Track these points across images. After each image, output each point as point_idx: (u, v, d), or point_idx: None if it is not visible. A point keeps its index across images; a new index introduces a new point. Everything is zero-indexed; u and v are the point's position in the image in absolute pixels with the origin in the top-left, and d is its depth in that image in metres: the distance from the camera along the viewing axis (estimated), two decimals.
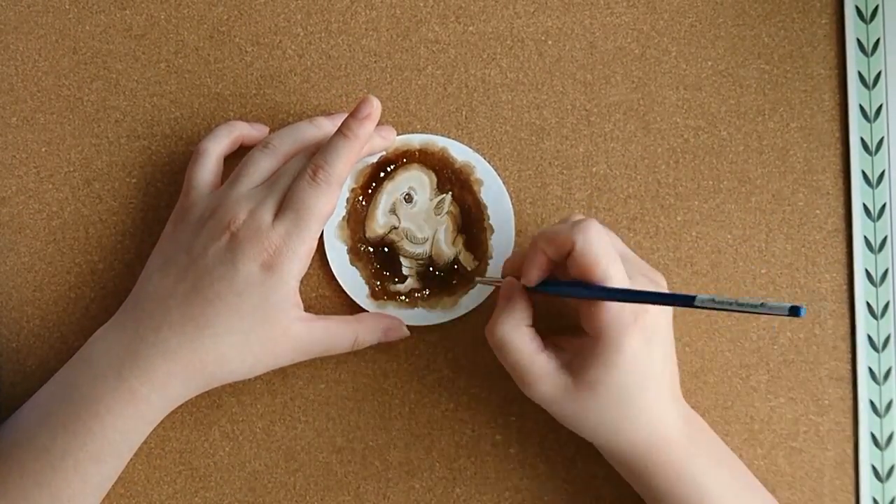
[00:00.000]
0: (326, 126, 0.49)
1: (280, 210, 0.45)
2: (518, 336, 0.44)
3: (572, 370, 0.43)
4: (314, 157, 0.46)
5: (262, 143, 0.48)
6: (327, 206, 0.45)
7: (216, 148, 0.49)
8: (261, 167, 0.47)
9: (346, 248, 0.50)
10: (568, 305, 0.47)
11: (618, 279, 0.41)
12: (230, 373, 0.45)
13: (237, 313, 0.44)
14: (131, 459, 0.47)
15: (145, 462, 0.51)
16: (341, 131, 0.46)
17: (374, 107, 0.46)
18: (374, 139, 0.49)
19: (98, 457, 0.44)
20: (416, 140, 0.51)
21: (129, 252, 0.51)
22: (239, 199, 0.46)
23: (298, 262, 0.45)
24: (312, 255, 0.46)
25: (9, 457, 0.44)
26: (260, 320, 0.44)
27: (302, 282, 0.51)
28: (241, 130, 0.50)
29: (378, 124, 0.49)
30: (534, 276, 0.44)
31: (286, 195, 0.45)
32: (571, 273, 0.43)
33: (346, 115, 0.47)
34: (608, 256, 0.41)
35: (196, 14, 0.52)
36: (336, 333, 0.47)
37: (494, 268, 0.50)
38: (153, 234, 0.51)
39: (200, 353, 0.44)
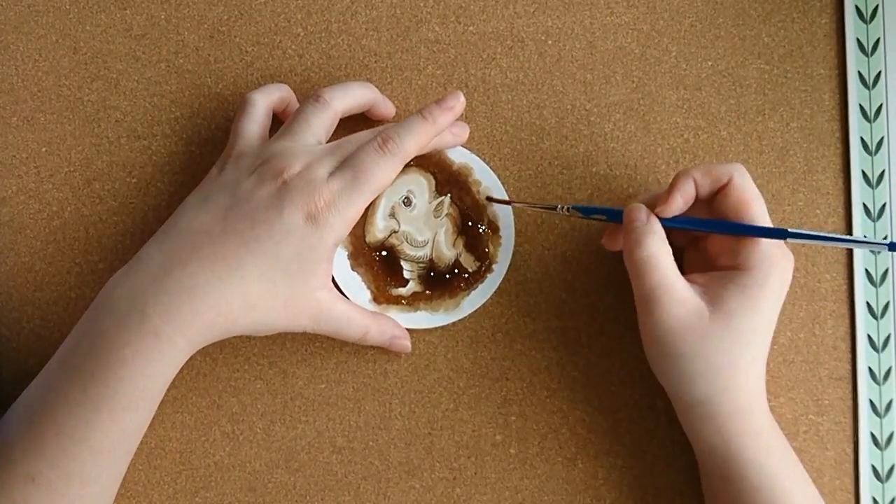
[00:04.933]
0: (376, 91, 0.50)
1: (338, 169, 0.44)
2: (665, 254, 0.44)
3: (709, 298, 0.44)
4: (385, 128, 0.46)
5: (313, 97, 0.47)
6: (387, 176, 0.45)
7: (265, 100, 0.49)
8: (313, 121, 0.47)
9: (346, 253, 0.50)
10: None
11: (766, 220, 0.44)
12: (252, 323, 0.44)
13: (271, 260, 0.43)
14: (132, 459, 0.47)
15: (145, 462, 0.51)
16: (421, 113, 0.46)
17: (460, 102, 0.47)
18: (444, 134, 0.49)
19: (130, 404, 0.43)
20: None
21: (129, 252, 0.51)
22: (295, 152, 0.45)
23: (342, 223, 0.44)
24: (353, 225, 0.45)
25: (41, 416, 0.43)
26: (291, 273, 0.44)
27: None
28: (290, 92, 0.50)
29: (377, 125, 0.48)
30: (677, 204, 0.45)
31: (347, 158, 0.45)
32: (720, 208, 0.45)
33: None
34: (761, 197, 0.44)
35: (196, 14, 0.52)
36: (351, 319, 0.47)
37: (498, 271, 0.50)
38: (153, 234, 0.51)
39: (227, 295, 0.43)
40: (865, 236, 0.48)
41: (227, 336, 0.44)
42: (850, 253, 0.50)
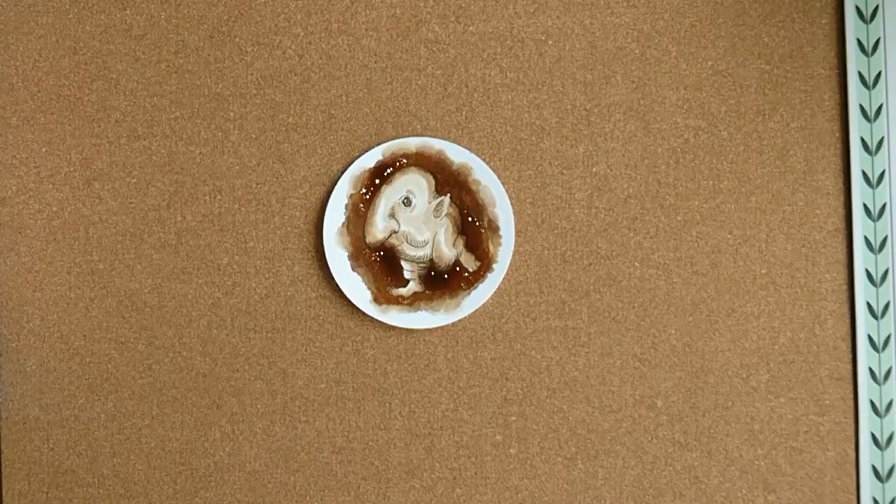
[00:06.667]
0: None
1: None
2: None
3: None
4: None
5: None
6: None
7: None
8: None
9: (346, 254, 0.50)
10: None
11: None
12: None
13: None
14: (132, 459, 0.47)
15: (145, 462, 0.51)
16: None
17: None
18: None
19: None
20: (412, 143, 0.51)
21: (129, 252, 0.51)
22: None
23: None
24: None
25: None
26: None
27: (303, 283, 0.51)
28: None
29: (377, 125, 0.48)
30: None
31: None
32: None
33: None
34: None
35: (196, 14, 0.52)
36: None
37: (498, 271, 0.50)
38: (153, 234, 0.51)
39: None
40: None
41: None
42: (850, 253, 0.50)
